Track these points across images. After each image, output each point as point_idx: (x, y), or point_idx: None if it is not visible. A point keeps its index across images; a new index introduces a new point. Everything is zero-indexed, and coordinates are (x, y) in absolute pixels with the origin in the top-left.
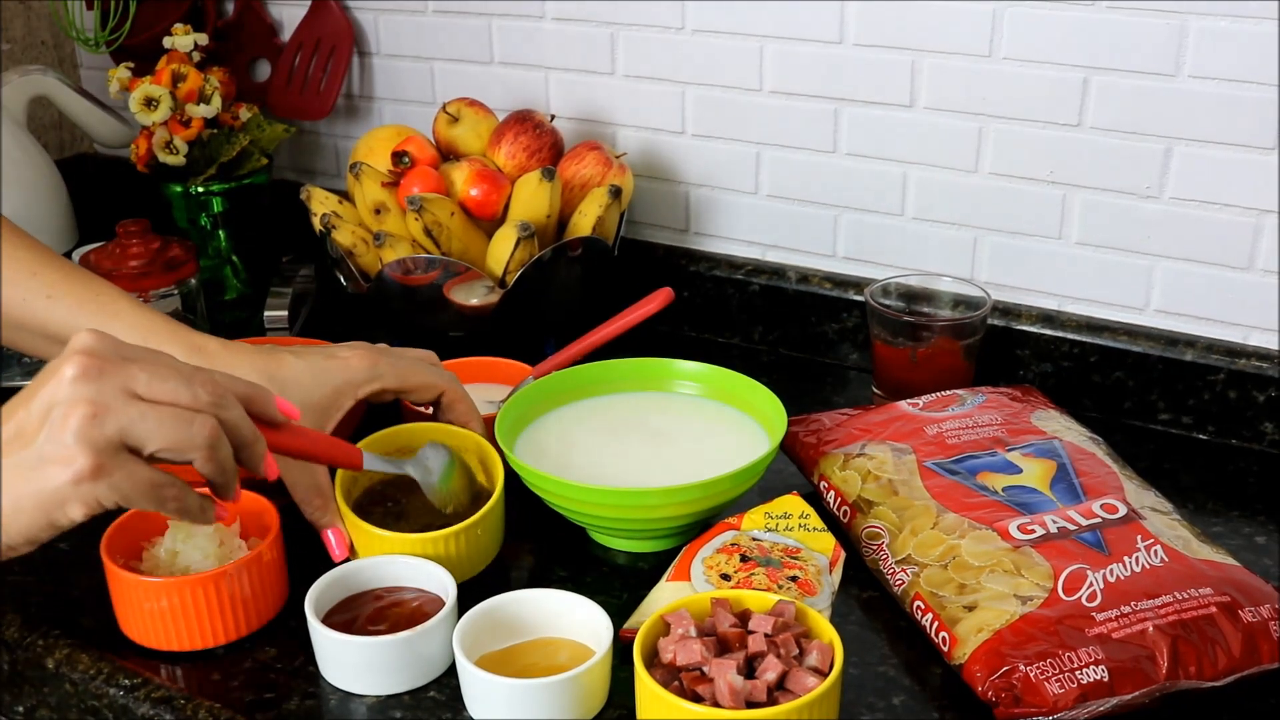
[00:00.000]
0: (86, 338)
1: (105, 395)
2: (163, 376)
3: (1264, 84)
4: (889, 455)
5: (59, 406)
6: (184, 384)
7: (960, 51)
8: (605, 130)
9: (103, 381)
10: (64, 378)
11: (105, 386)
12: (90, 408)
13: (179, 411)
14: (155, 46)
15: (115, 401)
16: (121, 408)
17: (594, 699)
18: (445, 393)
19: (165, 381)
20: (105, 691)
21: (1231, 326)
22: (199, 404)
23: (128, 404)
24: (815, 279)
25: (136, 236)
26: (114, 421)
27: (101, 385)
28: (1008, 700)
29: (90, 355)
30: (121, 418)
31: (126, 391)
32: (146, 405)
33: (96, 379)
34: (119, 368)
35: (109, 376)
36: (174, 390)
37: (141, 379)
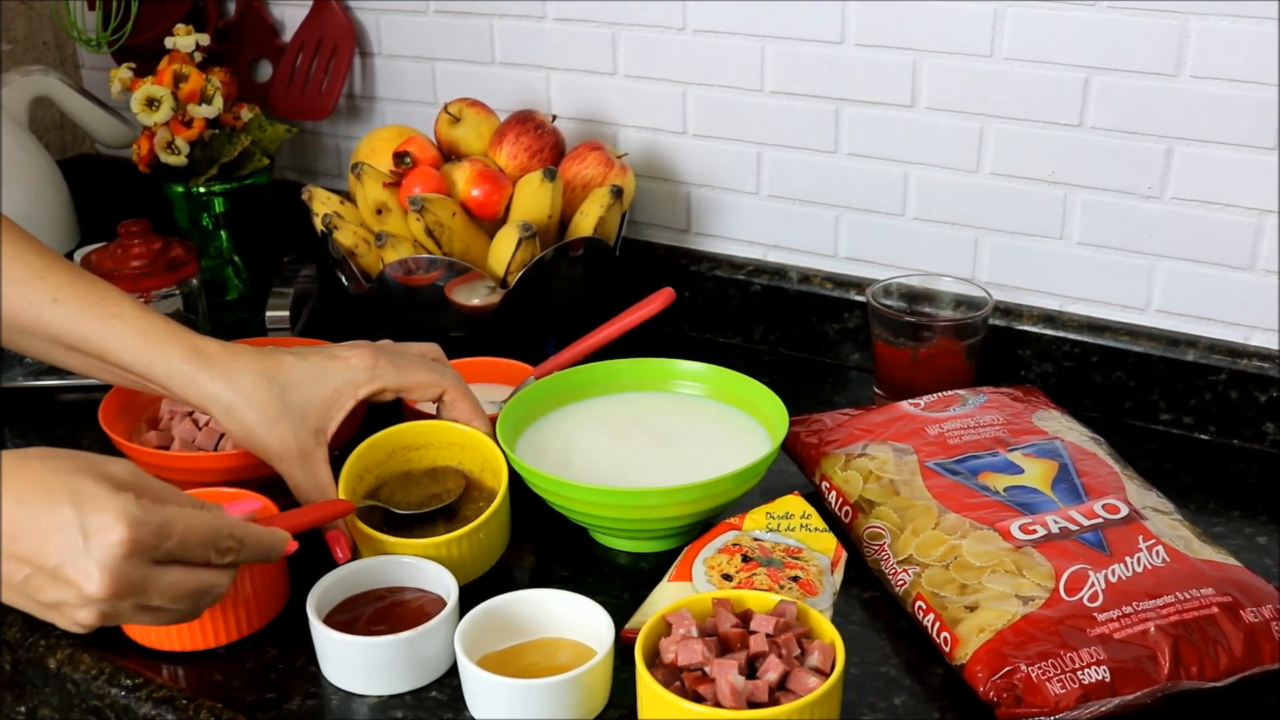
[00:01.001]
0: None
1: (118, 612)
2: (177, 599)
3: (1265, 84)
4: (890, 455)
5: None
6: (191, 604)
7: (961, 51)
8: (606, 130)
9: (119, 604)
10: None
11: (121, 606)
12: (100, 620)
13: (178, 618)
14: (157, 47)
15: (124, 614)
16: (129, 617)
17: (595, 699)
18: (447, 391)
19: (178, 603)
20: (107, 692)
21: (1233, 326)
22: (198, 611)
23: (135, 615)
24: (816, 279)
25: (138, 237)
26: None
27: (118, 605)
28: (1009, 700)
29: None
30: (126, 620)
31: (138, 607)
32: (151, 615)
33: (114, 602)
34: (139, 593)
35: (127, 600)
36: (182, 608)
37: (156, 601)
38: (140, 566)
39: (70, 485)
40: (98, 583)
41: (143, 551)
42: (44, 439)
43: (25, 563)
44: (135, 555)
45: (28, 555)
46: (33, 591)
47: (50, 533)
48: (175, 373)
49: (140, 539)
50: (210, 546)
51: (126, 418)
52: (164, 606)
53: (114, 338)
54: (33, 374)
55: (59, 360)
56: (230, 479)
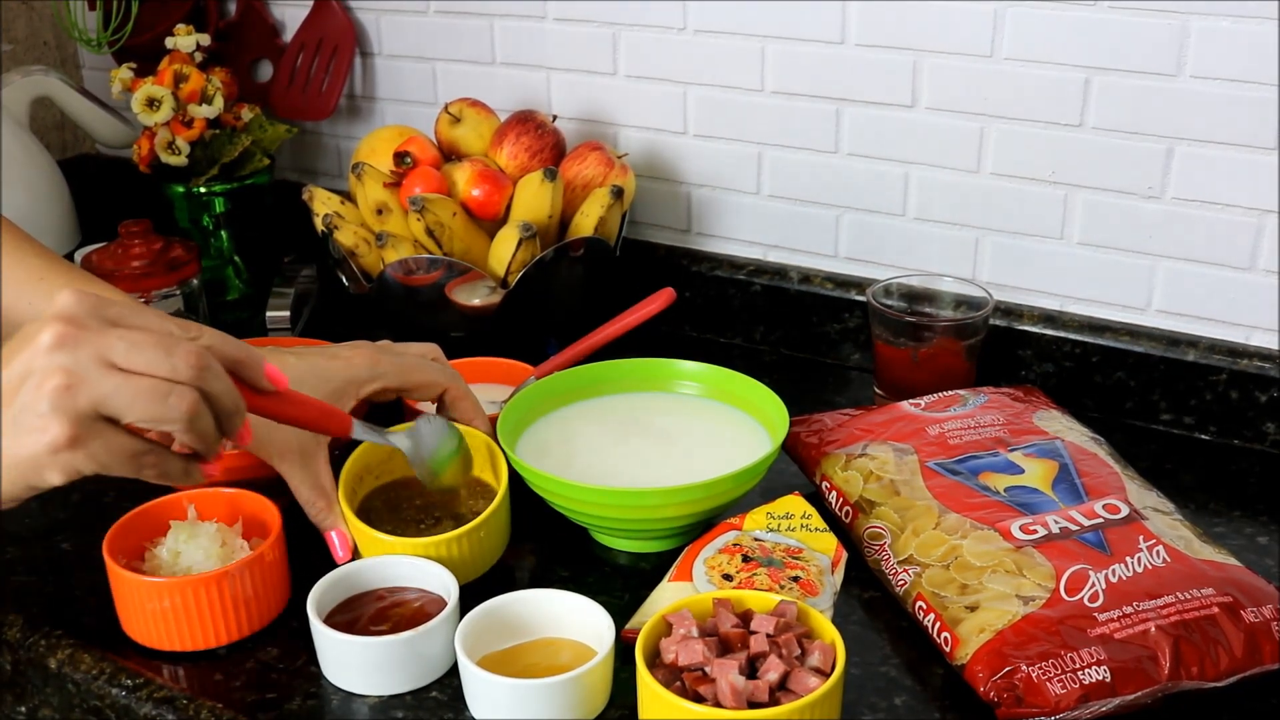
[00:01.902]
0: (67, 299)
1: (81, 365)
2: (141, 346)
3: (1265, 84)
4: (891, 455)
5: (34, 375)
6: (163, 355)
7: (962, 51)
8: (607, 130)
9: (78, 351)
10: (40, 345)
11: (81, 356)
12: (65, 378)
13: (156, 384)
14: (157, 47)
15: (91, 372)
16: (97, 379)
17: (596, 699)
18: (448, 390)
19: (144, 351)
20: (107, 692)
21: (1233, 327)
22: (178, 376)
23: (104, 375)
24: (817, 279)
25: (139, 237)
26: (88, 393)
27: (77, 355)
28: (1010, 700)
29: (68, 322)
30: (96, 389)
31: (103, 361)
32: (123, 376)
33: (72, 348)
34: (97, 336)
35: (85, 345)
36: (152, 361)
37: (119, 348)
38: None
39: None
40: (50, 329)
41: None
42: None
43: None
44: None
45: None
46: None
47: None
48: None
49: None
50: (164, 318)
51: None
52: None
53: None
54: None
55: None
56: (230, 479)
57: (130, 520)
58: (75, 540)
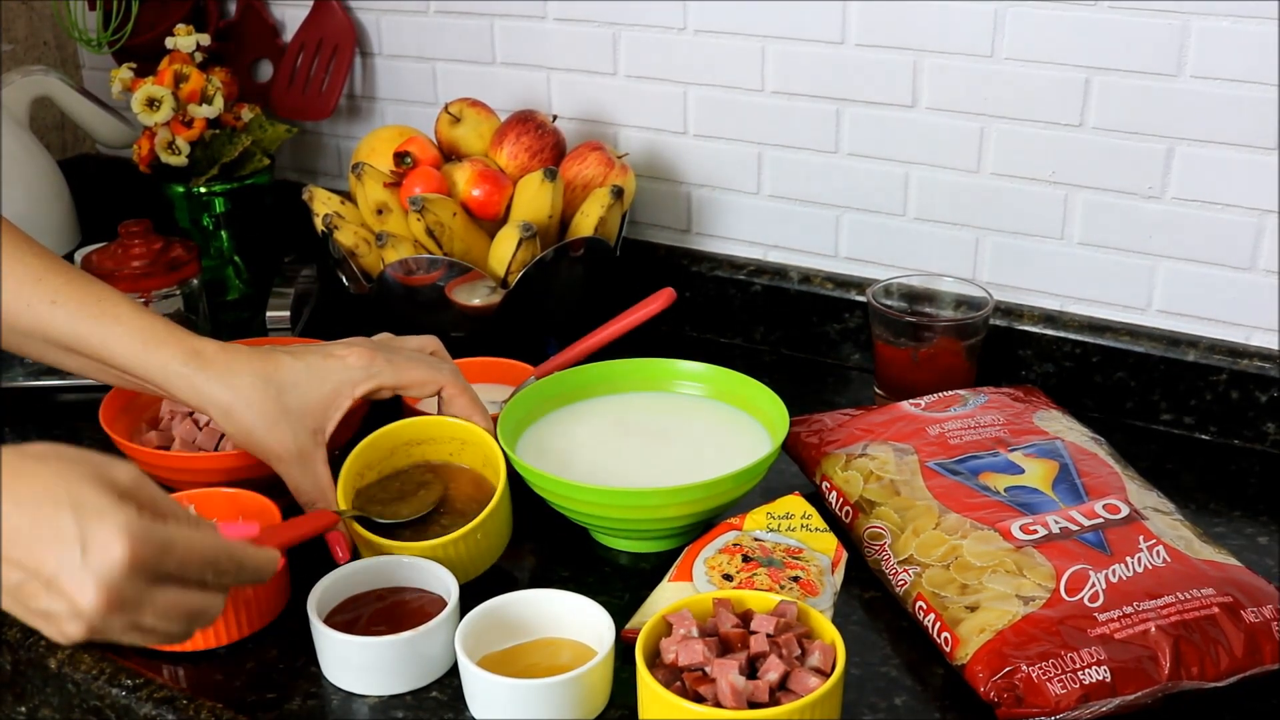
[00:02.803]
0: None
1: (107, 629)
2: (170, 619)
3: (1265, 84)
4: (891, 455)
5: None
6: (183, 625)
7: (962, 52)
8: (607, 130)
9: (111, 619)
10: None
11: (112, 622)
12: (89, 634)
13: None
14: (157, 47)
15: (113, 632)
16: (118, 635)
17: (596, 699)
18: (445, 387)
19: (170, 623)
20: (107, 692)
21: (1233, 327)
22: (184, 639)
23: (125, 633)
24: (817, 279)
25: (138, 237)
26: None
27: (109, 621)
28: (1010, 701)
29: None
30: (114, 638)
31: (130, 625)
32: (140, 635)
33: (105, 617)
34: (133, 611)
35: (119, 616)
36: (173, 628)
37: (148, 620)
38: (137, 584)
39: (72, 492)
40: (92, 597)
41: (142, 569)
42: (44, 439)
43: (19, 568)
44: (135, 573)
45: (23, 560)
46: (25, 597)
47: (49, 541)
48: (173, 375)
49: (141, 556)
50: (209, 568)
51: (127, 418)
52: (155, 627)
53: (112, 340)
54: (33, 374)
55: (58, 362)
56: (230, 479)
57: None
58: None
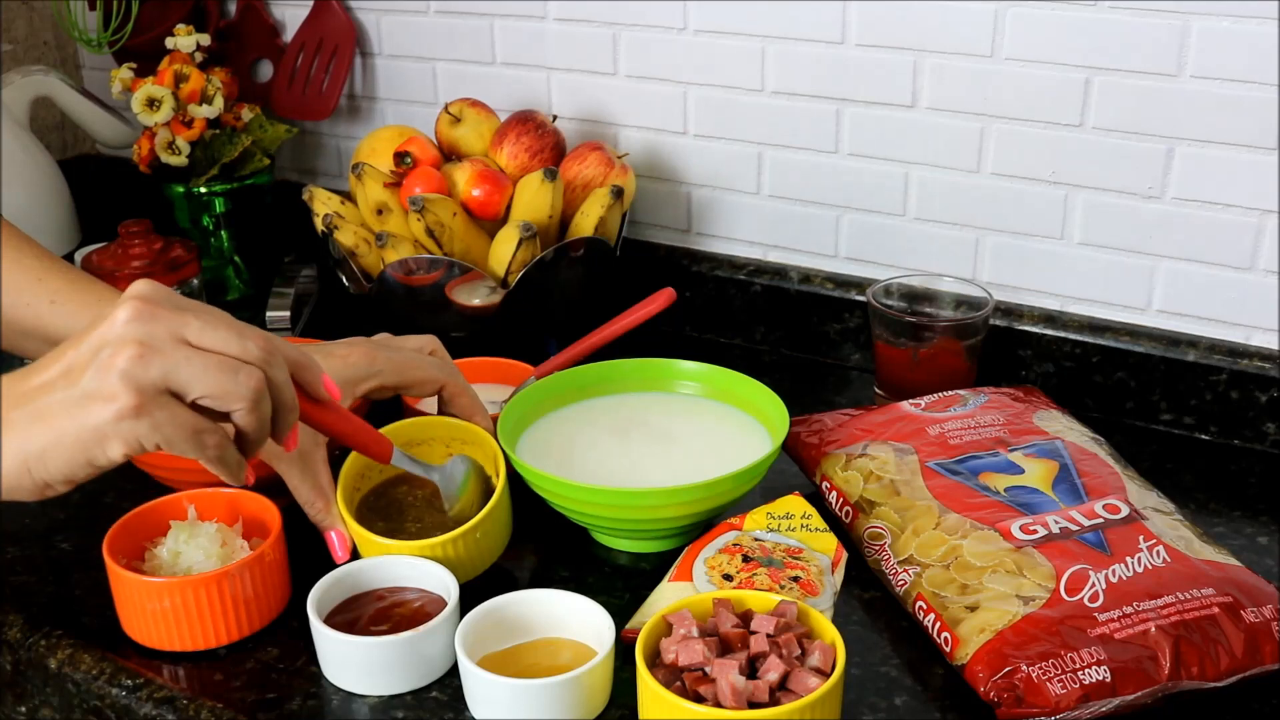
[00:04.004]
0: (142, 285)
1: (155, 338)
2: (214, 325)
3: (1266, 84)
4: (891, 455)
5: (108, 346)
6: (235, 336)
7: (962, 51)
8: (607, 130)
9: (154, 324)
10: (116, 320)
11: (156, 329)
12: (138, 348)
13: (226, 360)
14: (157, 47)
15: (164, 344)
16: (170, 351)
17: (596, 699)
18: (445, 386)
19: (217, 330)
20: (107, 692)
21: (1233, 327)
22: (248, 356)
23: (176, 348)
24: (817, 279)
25: (139, 237)
26: (160, 363)
27: (153, 328)
28: (1010, 700)
29: (144, 300)
30: (168, 361)
31: (177, 337)
32: (194, 351)
33: (149, 321)
34: (172, 314)
35: (161, 320)
36: (225, 340)
37: (194, 326)
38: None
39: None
40: (128, 308)
41: (164, 290)
42: None
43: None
44: (159, 290)
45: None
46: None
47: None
48: None
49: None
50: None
51: None
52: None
53: None
54: None
55: None
56: None
57: (130, 520)
58: (75, 540)
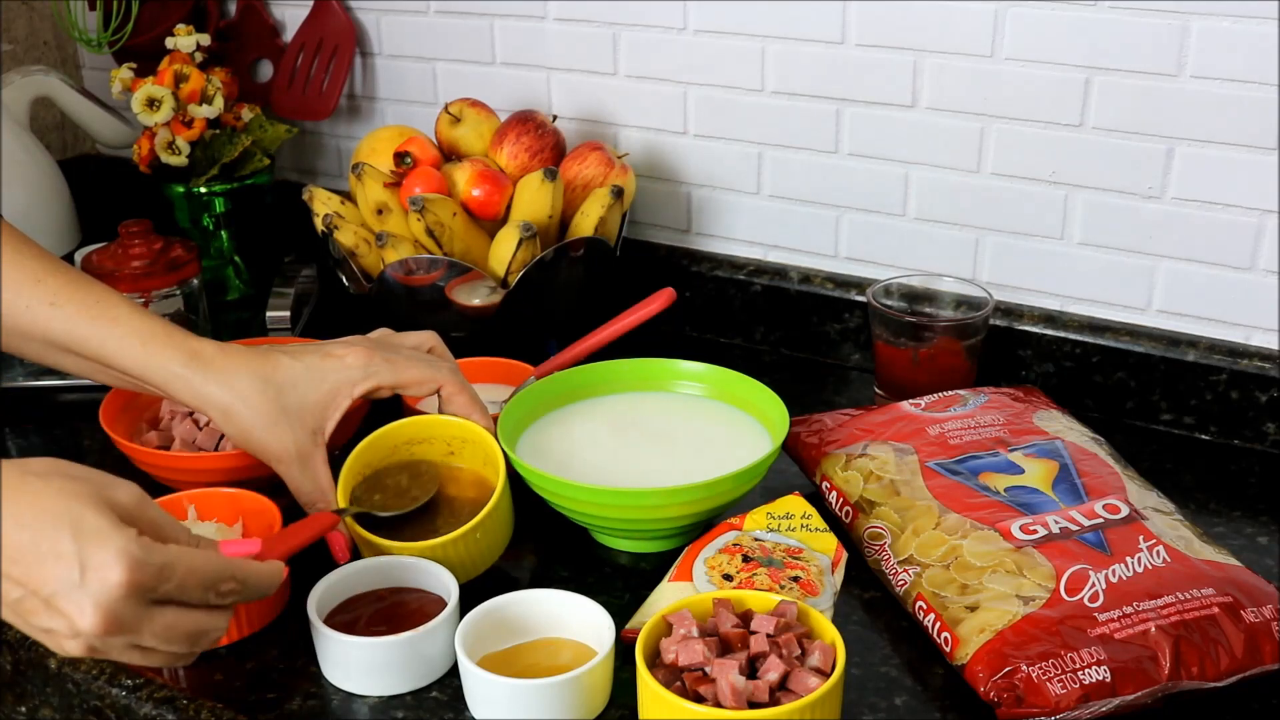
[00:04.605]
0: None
1: (108, 649)
2: (171, 640)
3: (1266, 84)
4: (891, 455)
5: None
6: (185, 646)
7: (962, 51)
8: (607, 130)
9: (111, 640)
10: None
11: (112, 643)
12: (89, 652)
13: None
14: (157, 47)
15: (114, 652)
16: (118, 655)
17: (596, 699)
18: (444, 386)
19: (171, 644)
20: (108, 692)
21: (1233, 327)
22: (194, 652)
23: (125, 653)
24: (817, 279)
25: (139, 237)
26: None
27: (109, 642)
28: (1010, 700)
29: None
30: (115, 658)
31: (130, 645)
32: (142, 654)
33: (105, 639)
34: (131, 633)
35: (119, 638)
36: (175, 649)
37: (148, 641)
38: (136, 607)
39: (73, 513)
40: (91, 619)
41: (140, 593)
42: (44, 439)
43: (20, 585)
44: (132, 596)
45: (23, 579)
46: (25, 613)
47: (49, 561)
48: (172, 376)
49: (139, 580)
50: (211, 589)
51: (127, 418)
52: (156, 647)
53: (111, 341)
54: (33, 374)
55: (57, 363)
56: (230, 479)
57: None
58: None
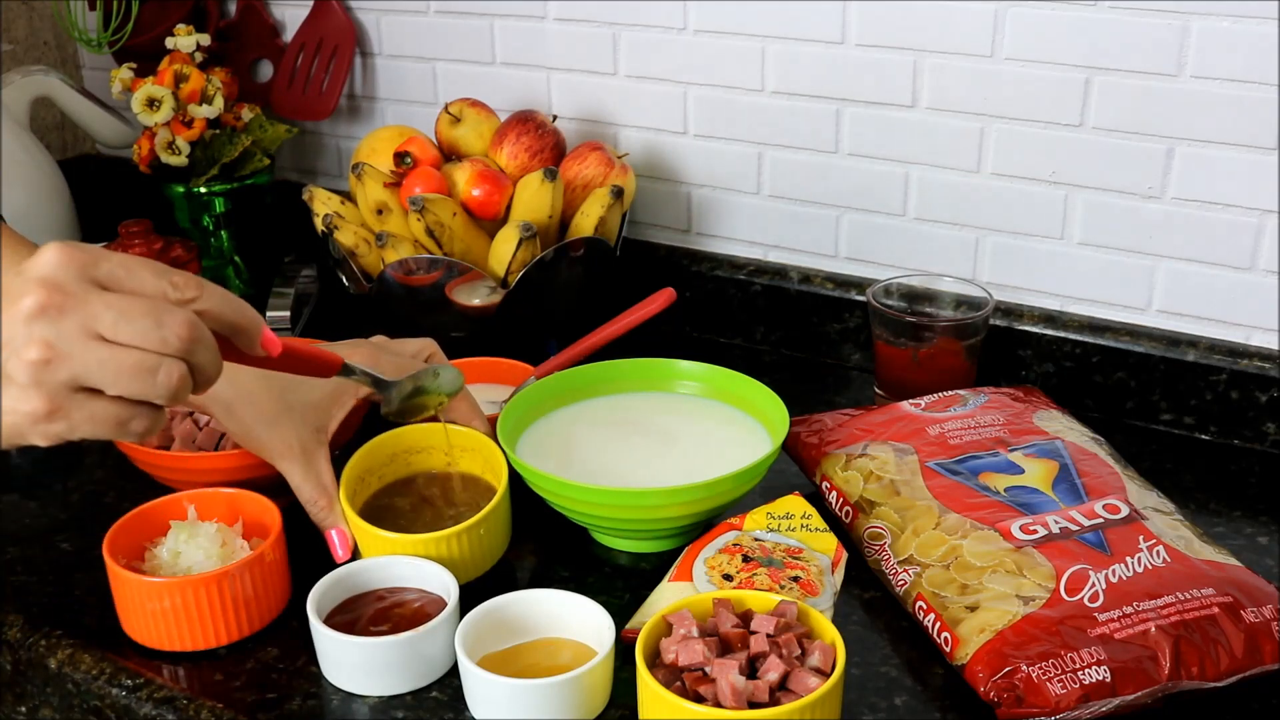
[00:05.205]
0: (51, 258)
1: (63, 337)
2: (130, 316)
3: (1266, 84)
4: (891, 455)
5: (13, 343)
6: (153, 325)
7: (962, 51)
8: (607, 130)
9: (61, 321)
10: (20, 312)
11: (64, 327)
12: (46, 351)
13: (143, 358)
14: (157, 47)
15: (74, 345)
16: (80, 353)
17: (596, 699)
18: None
19: (133, 322)
20: (108, 692)
21: (1233, 327)
22: (167, 349)
23: (87, 348)
24: (817, 279)
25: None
26: (69, 367)
27: (60, 326)
28: (1010, 700)
29: (52, 288)
30: (78, 364)
31: (88, 332)
32: (108, 350)
33: (55, 318)
34: (82, 304)
35: (69, 314)
36: (142, 332)
37: (107, 319)
38: (79, 281)
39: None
40: (33, 294)
41: (78, 264)
42: None
43: None
44: (69, 265)
45: None
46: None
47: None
48: None
49: (73, 253)
50: (161, 276)
51: None
52: (119, 337)
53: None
54: None
55: None
56: (231, 479)
57: (130, 520)
58: (75, 540)
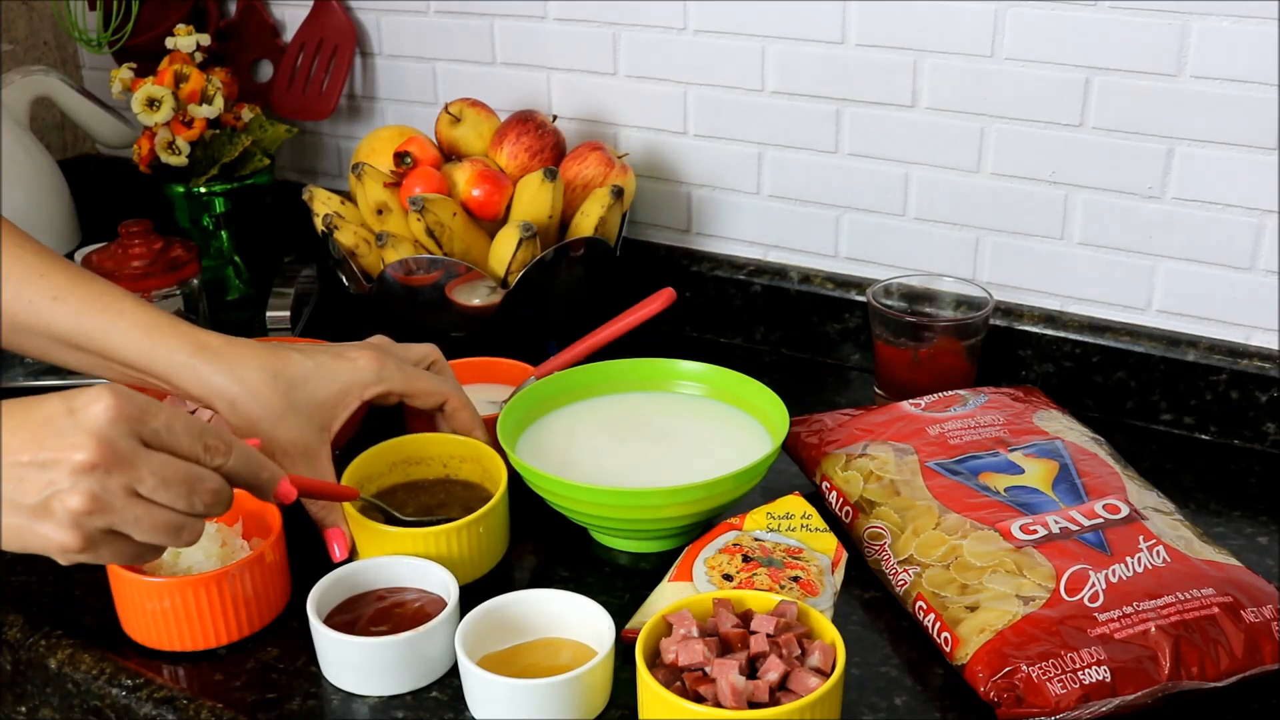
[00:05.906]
0: (104, 414)
1: (108, 493)
2: (168, 483)
3: (1266, 84)
4: (891, 455)
5: (59, 485)
6: (186, 494)
7: (962, 51)
8: (607, 130)
9: (109, 480)
10: (73, 463)
11: (110, 485)
12: (91, 504)
13: (171, 518)
14: (157, 47)
15: (115, 500)
16: (120, 508)
17: (596, 699)
18: (448, 400)
19: (170, 489)
20: (107, 692)
21: (1233, 327)
22: (193, 511)
23: (126, 504)
24: (817, 279)
25: (139, 237)
26: (108, 519)
27: (107, 484)
28: (1010, 700)
29: (105, 447)
30: (117, 517)
31: (129, 490)
32: (144, 508)
33: (103, 477)
34: (129, 467)
35: (116, 474)
36: (176, 499)
37: (148, 484)
38: (127, 439)
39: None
40: (86, 447)
41: (128, 420)
42: None
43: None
44: (121, 422)
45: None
46: (23, 495)
47: (39, 425)
48: (179, 366)
49: (126, 410)
50: (197, 439)
51: None
52: (155, 494)
53: (116, 333)
54: (33, 374)
55: (60, 359)
56: None
57: None
58: None
